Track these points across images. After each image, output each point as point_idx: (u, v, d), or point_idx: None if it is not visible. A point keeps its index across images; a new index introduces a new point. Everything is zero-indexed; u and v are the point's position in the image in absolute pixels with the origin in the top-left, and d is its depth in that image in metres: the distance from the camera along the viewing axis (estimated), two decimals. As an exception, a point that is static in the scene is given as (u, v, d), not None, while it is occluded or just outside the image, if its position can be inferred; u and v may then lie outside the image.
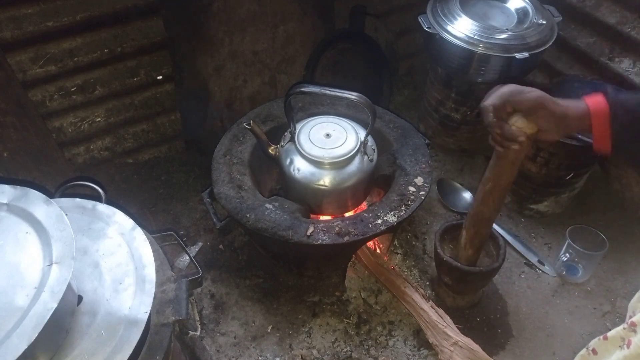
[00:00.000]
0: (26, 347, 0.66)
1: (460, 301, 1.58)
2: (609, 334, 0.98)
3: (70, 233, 0.79)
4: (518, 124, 1.02)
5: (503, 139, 1.05)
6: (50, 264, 0.75)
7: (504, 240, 1.49)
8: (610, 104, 0.92)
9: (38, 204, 0.84)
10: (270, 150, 1.47)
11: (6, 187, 0.87)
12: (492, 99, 1.02)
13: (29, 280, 0.74)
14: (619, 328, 0.95)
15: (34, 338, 0.67)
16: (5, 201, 0.85)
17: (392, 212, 1.38)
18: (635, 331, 0.91)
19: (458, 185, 1.95)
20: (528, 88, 1.01)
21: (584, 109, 0.95)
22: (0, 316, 0.70)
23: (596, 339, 1.03)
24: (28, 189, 0.87)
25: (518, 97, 1.00)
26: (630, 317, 0.95)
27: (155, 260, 0.93)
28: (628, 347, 0.92)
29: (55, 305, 0.70)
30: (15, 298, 0.72)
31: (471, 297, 1.59)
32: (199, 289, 1.59)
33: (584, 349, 1.07)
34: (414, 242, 1.77)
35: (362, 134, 1.44)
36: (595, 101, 0.95)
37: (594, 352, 1.03)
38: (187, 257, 1.18)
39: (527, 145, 1.06)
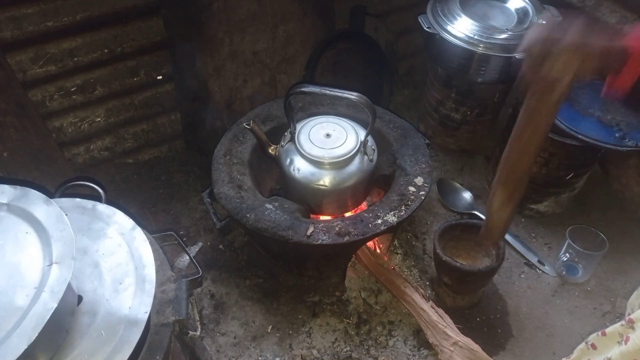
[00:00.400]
0: (26, 347, 0.66)
1: (460, 301, 1.58)
2: (608, 330, 0.99)
3: (70, 233, 0.79)
4: (559, 65, 0.91)
5: (543, 85, 0.94)
6: (50, 264, 0.75)
7: (504, 240, 1.49)
8: None
9: (38, 204, 0.84)
10: (270, 150, 1.47)
11: (6, 187, 0.87)
12: (531, 41, 0.92)
13: (29, 280, 0.74)
14: (617, 324, 0.96)
15: (34, 338, 0.67)
16: (5, 201, 0.85)
17: (392, 212, 1.38)
18: (633, 327, 0.92)
19: (458, 185, 1.95)
20: (564, 25, 0.91)
21: (626, 42, 0.88)
22: (0, 316, 0.70)
23: (595, 335, 1.04)
24: (28, 189, 0.87)
25: (566, 40, 0.89)
26: (629, 314, 0.95)
27: (155, 260, 0.93)
28: (626, 343, 0.92)
29: (55, 305, 0.70)
30: (15, 298, 0.72)
31: (471, 297, 1.59)
32: (199, 289, 1.59)
33: (583, 343, 1.07)
34: (414, 242, 1.77)
35: (362, 134, 1.44)
36: (638, 34, 0.88)
37: (593, 346, 1.04)
38: (187, 257, 1.18)
39: (568, 88, 0.95)
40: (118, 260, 0.91)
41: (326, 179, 1.40)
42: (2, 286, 0.74)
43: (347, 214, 1.54)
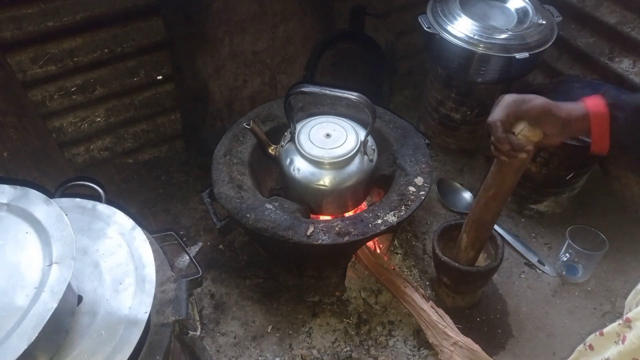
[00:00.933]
0: (26, 347, 0.66)
1: (460, 301, 1.58)
2: (605, 329, 0.99)
3: (70, 233, 0.79)
4: (524, 133, 1.03)
5: (511, 149, 1.05)
6: (50, 264, 0.75)
7: (503, 240, 1.49)
8: (609, 106, 0.93)
9: (38, 204, 0.84)
10: (270, 150, 1.47)
11: (6, 187, 0.87)
12: (497, 113, 1.03)
13: (29, 280, 0.74)
14: (615, 324, 0.96)
15: (34, 338, 0.67)
16: (5, 201, 0.85)
17: (392, 212, 1.38)
18: (630, 327, 0.92)
19: (458, 185, 1.95)
20: (529, 96, 1.02)
21: (584, 111, 0.96)
22: (0, 316, 0.70)
23: (593, 335, 1.04)
24: (28, 189, 0.87)
25: (524, 107, 1.00)
26: (627, 314, 0.95)
27: (155, 260, 0.93)
28: (623, 342, 0.92)
29: (55, 305, 0.70)
30: (15, 298, 0.72)
31: (471, 297, 1.59)
32: (199, 289, 1.59)
33: (582, 345, 1.07)
34: (414, 242, 1.77)
35: (362, 134, 1.44)
36: (594, 103, 0.96)
37: (591, 347, 1.04)
38: (187, 257, 1.18)
39: (531, 153, 1.07)
40: (118, 260, 0.91)
41: (326, 179, 1.40)
42: (2, 286, 0.74)
43: (347, 214, 1.54)
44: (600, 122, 0.94)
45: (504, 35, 1.65)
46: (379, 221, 1.36)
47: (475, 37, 1.65)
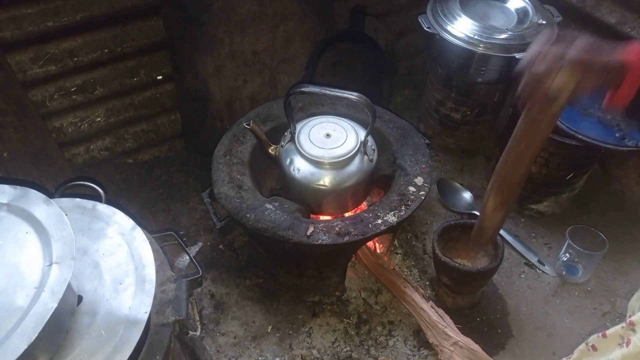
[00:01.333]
0: (26, 347, 0.66)
1: (460, 301, 1.58)
2: (608, 332, 0.99)
3: (70, 233, 0.79)
4: (558, 82, 0.92)
5: (543, 100, 0.96)
6: (50, 264, 0.75)
7: (503, 240, 1.49)
8: None
9: (38, 204, 0.84)
10: (270, 150, 1.47)
11: (6, 187, 0.87)
12: (539, 63, 0.93)
13: (29, 280, 0.74)
14: (618, 327, 0.96)
15: (34, 338, 0.67)
16: (5, 201, 0.85)
17: (392, 212, 1.38)
18: (634, 330, 0.92)
19: (458, 185, 1.95)
20: (568, 36, 0.93)
21: (623, 58, 0.90)
22: (0, 316, 0.70)
23: (595, 336, 1.04)
24: (28, 189, 0.87)
25: (570, 56, 0.91)
26: (630, 317, 0.95)
27: (155, 260, 0.93)
28: (627, 345, 0.92)
29: (55, 305, 0.70)
30: (15, 298, 0.72)
31: (471, 297, 1.59)
32: (199, 289, 1.59)
33: (583, 344, 1.07)
34: (414, 242, 1.77)
35: (362, 134, 1.44)
36: (636, 50, 0.90)
37: (594, 348, 1.04)
38: (187, 257, 1.18)
39: (566, 103, 0.97)
40: (118, 260, 0.91)
41: (326, 179, 1.40)
42: (2, 286, 0.74)
43: (347, 214, 1.54)
44: (637, 73, 0.89)
45: (504, 35, 1.65)
46: (379, 221, 1.36)
47: (475, 37, 1.65)
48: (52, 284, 0.73)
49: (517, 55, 1.61)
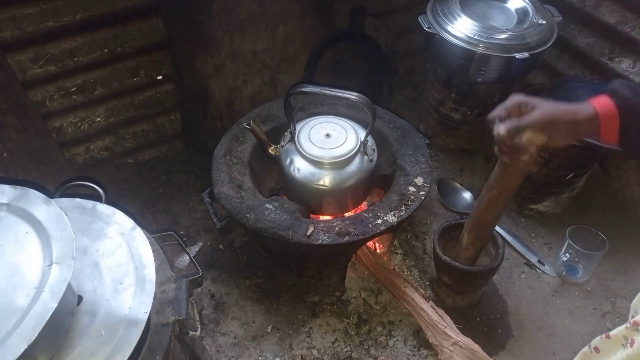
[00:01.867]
0: (26, 347, 0.66)
1: (460, 301, 1.58)
2: (612, 332, 0.99)
3: (70, 233, 0.79)
4: (527, 136, 1.00)
5: (512, 151, 1.04)
6: (50, 264, 0.75)
7: (503, 240, 1.49)
8: (618, 105, 0.92)
9: (38, 204, 0.84)
10: (270, 150, 1.47)
11: (6, 187, 0.87)
12: (503, 125, 1.01)
13: (29, 280, 0.74)
14: (622, 327, 0.96)
15: (34, 338, 0.67)
16: (5, 201, 0.85)
17: (392, 212, 1.38)
18: (638, 330, 0.92)
19: (458, 185, 1.95)
20: (533, 103, 1.00)
21: (592, 113, 0.94)
22: (0, 316, 0.70)
23: (598, 338, 1.03)
24: (28, 189, 0.87)
25: (526, 122, 0.99)
26: (633, 317, 0.95)
27: (155, 260, 0.93)
28: (631, 345, 0.92)
29: (55, 305, 0.70)
30: (15, 298, 0.72)
31: (471, 297, 1.59)
32: (199, 289, 1.59)
33: (586, 347, 1.07)
34: (414, 242, 1.77)
35: (362, 134, 1.44)
36: (602, 103, 0.94)
37: (597, 350, 1.03)
38: (187, 257, 1.18)
39: (535, 156, 1.06)
40: (118, 260, 0.91)
41: (326, 179, 1.40)
42: (2, 286, 0.74)
43: (347, 214, 1.54)
44: (609, 123, 0.93)
45: (504, 35, 1.65)
46: (379, 221, 1.36)
47: (475, 37, 1.65)
48: (52, 284, 0.73)
49: (517, 55, 1.61)
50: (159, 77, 1.83)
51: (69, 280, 0.74)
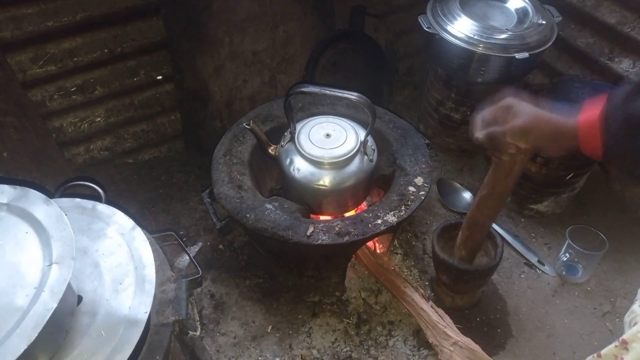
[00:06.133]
0: (26, 347, 0.66)
1: (459, 301, 1.58)
2: (603, 351, 0.99)
3: (70, 233, 0.79)
4: (506, 139, 1.01)
5: (493, 149, 1.05)
6: (50, 264, 0.75)
7: (502, 240, 1.49)
8: (602, 119, 0.87)
9: (38, 204, 0.84)
10: (270, 150, 1.47)
11: (6, 187, 0.87)
12: (483, 116, 1.02)
13: (28, 280, 0.74)
14: (612, 346, 0.96)
15: (34, 338, 0.67)
16: (5, 201, 0.85)
17: (392, 212, 1.38)
18: (627, 349, 0.92)
19: (458, 185, 1.95)
20: (520, 107, 0.98)
21: (573, 126, 0.91)
22: (0, 316, 0.70)
23: (590, 357, 1.04)
24: (28, 189, 0.87)
25: (505, 129, 0.99)
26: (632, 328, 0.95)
27: (155, 260, 0.93)
28: None
29: (55, 305, 0.70)
30: (15, 298, 0.72)
31: (470, 297, 1.59)
32: (198, 289, 1.59)
33: None
34: (414, 242, 1.77)
35: (362, 134, 1.44)
36: (586, 117, 0.90)
37: None
38: (187, 257, 1.18)
39: (523, 158, 1.06)
40: (118, 260, 0.91)
41: (326, 179, 1.40)
42: (2, 286, 0.74)
43: (347, 214, 1.54)
44: (589, 137, 0.89)
45: (504, 35, 1.65)
46: (379, 221, 1.36)
47: (475, 37, 1.65)
48: (52, 284, 0.73)
49: (517, 55, 1.61)
50: (159, 77, 1.83)
51: (69, 280, 0.74)
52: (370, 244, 1.62)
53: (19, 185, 0.88)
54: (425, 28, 1.71)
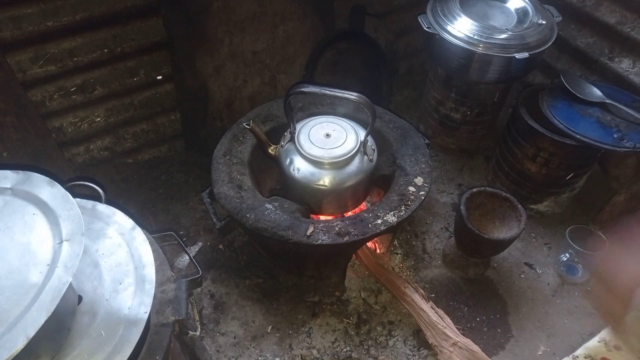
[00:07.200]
0: (46, 319, 0.66)
1: (471, 271, 1.64)
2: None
3: (77, 212, 0.79)
4: None
5: None
6: (61, 242, 0.76)
7: (525, 211, 1.54)
8: None
9: (42, 186, 0.84)
10: (270, 150, 1.47)
11: (8, 173, 0.87)
12: None
13: (40, 259, 0.74)
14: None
15: (53, 310, 0.67)
16: (8, 186, 0.85)
17: (392, 212, 1.38)
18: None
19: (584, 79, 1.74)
20: None
21: None
22: (16, 292, 0.71)
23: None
24: (31, 172, 0.87)
25: None
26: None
27: (155, 260, 0.93)
28: None
29: (70, 279, 0.70)
30: (29, 275, 0.72)
31: (482, 267, 1.65)
32: (198, 289, 1.59)
33: None
34: (413, 242, 1.77)
35: (362, 134, 1.44)
36: None
37: None
38: (187, 257, 1.18)
39: None
40: (118, 260, 0.91)
41: (326, 179, 1.40)
42: (15, 265, 0.74)
43: (347, 214, 1.54)
44: None
45: (504, 35, 1.65)
46: (379, 221, 1.36)
47: (475, 37, 1.65)
48: (64, 260, 0.73)
49: (517, 55, 1.61)
50: (159, 77, 1.83)
51: (80, 257, 0.74)
52: (370, 244, 1.62)
53: (20, 170, 0.88)
54: (425, 28, 1.71)
